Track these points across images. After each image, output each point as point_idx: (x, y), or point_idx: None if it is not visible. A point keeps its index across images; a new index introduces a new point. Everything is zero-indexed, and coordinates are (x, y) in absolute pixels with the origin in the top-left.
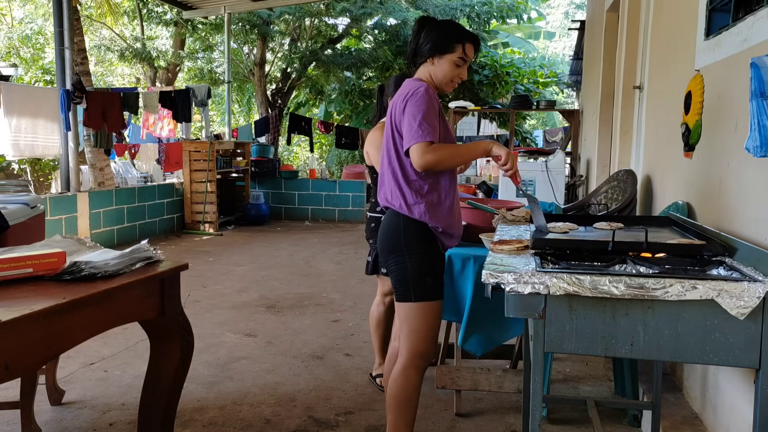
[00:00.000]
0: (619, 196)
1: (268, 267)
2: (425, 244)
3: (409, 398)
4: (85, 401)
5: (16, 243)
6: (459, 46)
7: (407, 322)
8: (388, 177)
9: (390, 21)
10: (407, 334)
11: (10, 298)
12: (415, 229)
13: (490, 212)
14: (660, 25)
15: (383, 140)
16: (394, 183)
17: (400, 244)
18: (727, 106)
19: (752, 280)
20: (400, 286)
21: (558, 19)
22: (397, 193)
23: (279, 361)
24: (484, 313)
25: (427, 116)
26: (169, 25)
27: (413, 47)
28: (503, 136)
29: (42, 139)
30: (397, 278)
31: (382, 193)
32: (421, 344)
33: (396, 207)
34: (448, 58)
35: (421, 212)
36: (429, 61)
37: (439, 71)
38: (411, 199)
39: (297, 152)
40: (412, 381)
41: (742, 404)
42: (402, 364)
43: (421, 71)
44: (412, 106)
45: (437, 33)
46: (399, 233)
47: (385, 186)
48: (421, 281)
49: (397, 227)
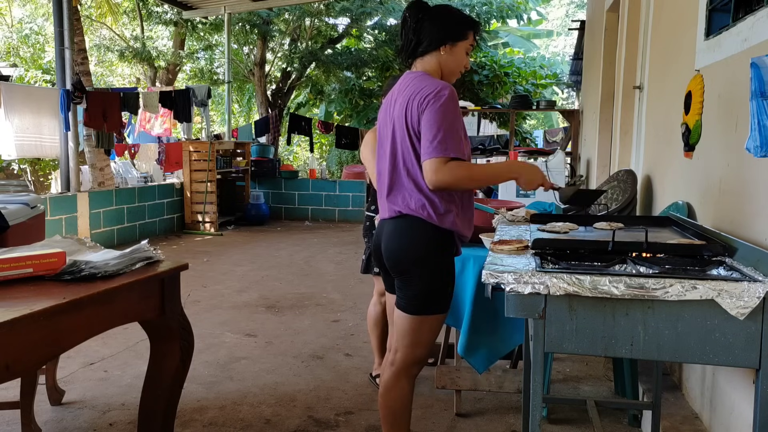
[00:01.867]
0: (619, 196)
1: (268, 267)
2: (450, 253)
3: (405, 407)
4: (85, 401)
5: (16, 243)
6: (470, 33)
7: (413, 334)
8: (407, 183)
9: (390, 21)
10: (409, 344)
11: (10, 298)
12: (442, 239)
13: (490, 212)
14: (660, 25)
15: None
16: (416, 190)
17: (428, 256)
18: (727, 106)
19: (752, 280)
20: (417, 299)
21: (559, 18)
22: (424, 201)
23: (279, 361)
24: (485, 320)
25: (453, 126)
26: (169, 25)
27: (414, 38)
28: (503, 136)
29: (42, 140)
30: (417, 291)
31: (399, 200)
32: (420, 354)
33: (424, 216)
34: (462, 45)
35: (452, 221)
36: (441, 50)
37: (451, 60)
38: (442, 208)
39: (297, 152)
40: (406, 389)
41: (742, 404)
42: (395, 373)
43: (428, 62)
44: (435, 112)
45: (447, 19)
46: (427, 244)
47: (405, 192)
48: (444, 293)
49: (423, 237)
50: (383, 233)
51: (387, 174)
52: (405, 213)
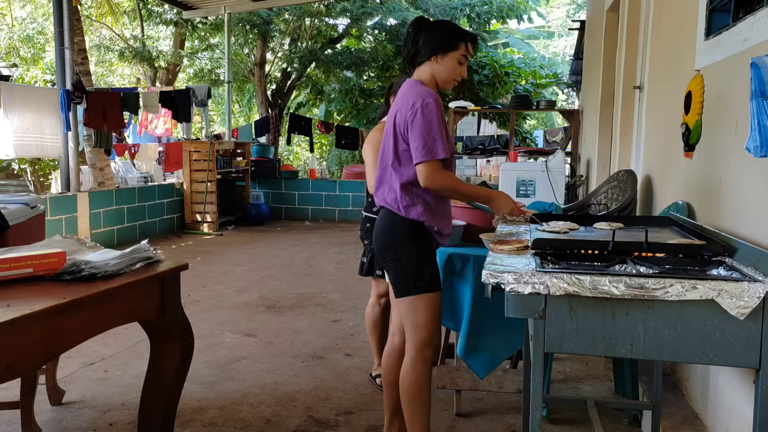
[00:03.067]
0: (619, 196)
1: (268, 267)
2: (421, 240)
3: (421, 391)
4: (85, 401)
5: (16, 243)
6: (462, 44)
7: (409, 316)
8: (387, 178)
9: (390, 21)
10: (410, 328)
11: (10, 298)
12: (411, 226)
13: (490, 212)
14: (660, 25)
15: (382, 141)
16: (392, 186)
17: (396, 241)
18: (727, 106)
19: (752, 280)
20: (398, 281)
21: (560, 17)
22: (395, 195)
23: (279, 361)
24: (485, 321)
25: (440, 130)
26: (169, 25)
27: (412, 48)
28: (503, 136)
29: (42, 140)
30: (396, 274)
31: (380, 193)
32: (426, 336)
33: (393, 208)
34: (453, 55)
35: (418, 213)
36: (433, 60)
37: (443, 69)
38: (407, 201)
39: (297, 152)
40: (422, 374)
41: (742, 404)
42: (410, 359)
43: (423, 71)
44: (423, 119)
45: (440, 32)
46: (395, 230)
47: (384, 186)
48: (420, 273)
49: (392, 224)
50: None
51: (379, 170)
52: (384, 206)
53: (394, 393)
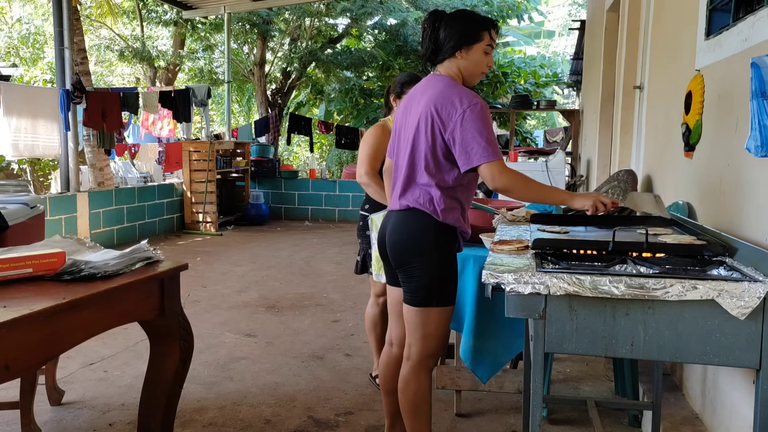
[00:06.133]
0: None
1: (268, 267)
2: (451, 248)
3: (425, 399)
4: (85, 401)
5: (16, 243)
6: (485, 33)
7: (422, 326)
8: (422, 180)
9: (390, 21)
10: (420, 338)
11: (10, 298)
12: (445, 231)
13: (490, 212)
14: (660, 25)
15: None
16: (428, 186)
17: (429, 247)
18: (727, 106)
19: (752, 280)
20: (421, 290)
21: (561, 17)
22: (432, 196)
23: (279, 361)
24: (487, 323)
25: (492, 133)
26: (169, 25)
27: (431, 45)
28: (504, 136)
29: (42, 140)
30: (420, 282)
31: (410, 195)
32: (434, 346)
33: (429, 210)
34: (478, 47)
35: (455, 218)
36: (457, 55)
37: (470, 63)
38: (446, 204)
39: (297, 152)
40: (425, 382)
41: (742, 404)
42: (413, 367)
43: (447, 67)
44: (475, 120)
45: (460, 24)
46: (429, 235)
47: (414, 189)
48: (446, 285)
49: (426, 228)
50: (389, 225)
51: (405, 169)
52: (413, 206)
53: (393, 399)
